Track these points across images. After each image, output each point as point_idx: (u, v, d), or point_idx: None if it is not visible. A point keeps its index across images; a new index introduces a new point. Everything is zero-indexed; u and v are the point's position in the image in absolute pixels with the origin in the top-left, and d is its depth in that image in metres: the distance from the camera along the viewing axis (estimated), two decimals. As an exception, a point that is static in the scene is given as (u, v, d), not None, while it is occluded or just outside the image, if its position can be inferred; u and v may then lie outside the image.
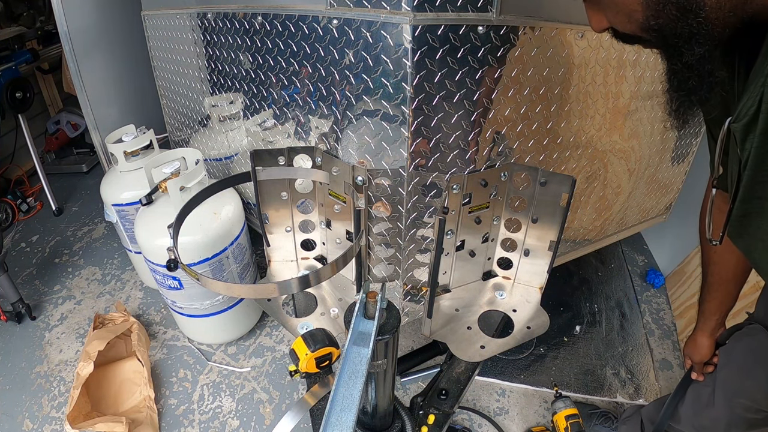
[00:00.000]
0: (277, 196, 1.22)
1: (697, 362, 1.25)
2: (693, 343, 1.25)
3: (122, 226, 1.97)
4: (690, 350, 1.26)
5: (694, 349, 1.24)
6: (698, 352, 1.24)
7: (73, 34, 2.01)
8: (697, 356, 1.24)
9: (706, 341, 1.22)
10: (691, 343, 1.25)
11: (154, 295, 2.26)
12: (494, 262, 1.30)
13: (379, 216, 1.17)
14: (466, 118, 1.08)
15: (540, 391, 1.80)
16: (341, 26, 1.02)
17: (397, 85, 0.98)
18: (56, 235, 2.69)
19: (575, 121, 1.33)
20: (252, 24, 1.29)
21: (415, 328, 1.93)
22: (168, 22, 1.80)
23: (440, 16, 0.93)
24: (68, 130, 3.25)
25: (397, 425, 1.02)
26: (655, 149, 1.71)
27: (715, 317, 1.20)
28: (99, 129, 2.21)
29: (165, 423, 1.72)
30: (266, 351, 1.98)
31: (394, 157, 1.07)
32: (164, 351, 1.99)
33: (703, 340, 1.22)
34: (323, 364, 1.00)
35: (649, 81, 1.46)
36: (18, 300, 2.06)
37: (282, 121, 1.39)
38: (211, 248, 1.59)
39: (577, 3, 0.76)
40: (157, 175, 1.62)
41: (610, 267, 2.39)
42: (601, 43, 1.23)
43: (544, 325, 1.17)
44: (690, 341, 1.26)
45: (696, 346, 1.24)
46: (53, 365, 1.94)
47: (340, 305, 1.23)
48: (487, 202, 1.16)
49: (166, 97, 2.18)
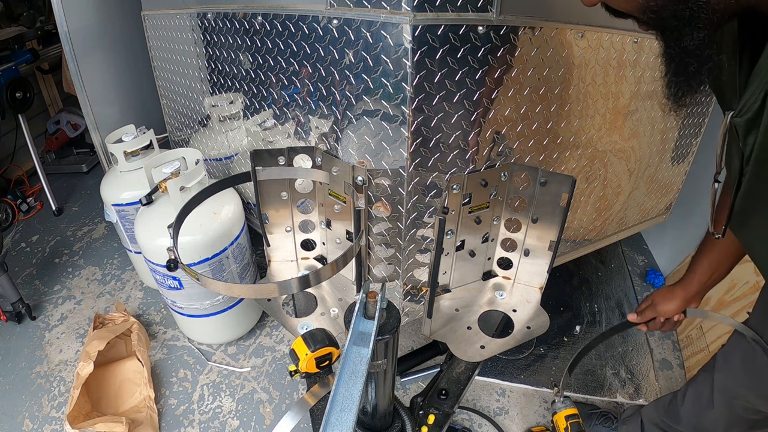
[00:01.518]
0: (277, 196, 1.22)
1: (657, 312, 1.18)
2: (669, 293, 1.17)
3: (122, 226, 1.97)
4: (660, 297, 1.18)
5: (664, 299, 1.17)
6: (666, 303, 1.16)
7: (73, 34, 2.01)
8: (662, 306, 1.17)
9: (679, 301, 1.15)
10: (666, 292, 1.18)
11: (154, 295, 2.26)
12: (494, 262, 1.30)
13: (379, 216, 1.17)
14: (466, 118, 1.08)
15: (540, 391, 1.81)
16: (341, 26, 1.02)
17: (397, 85, 0.98)
18: (56, 235, 2.69)
19: (575, 121, 1.33)
20: (252, 24, 1.29)
21: (415, 328, 1.93)
22: (168, 22, 1.80)
23: (440, 16, 0.93)
24: (68, 130, 3.25)
25: (397, 425, 1.02)
26: (655, 149, 1.71)
27: (698, 280, 1.13)
28: (99, 129, 2.21)
29: (165, 423, 1.72)
30: (266, 351, 1.98)
31: (394, 157, 1.07)
32: (164, 351, 1.99)
33: (678, 295, 1.15)
34: (323, 364, 1.00)
35: (649, 81, 1.46)
36: (18, 300, 2.06)
37: (282, 121, 1.39)
38: (211, 248, 1.59)
39: (577, 3, 0.76)
40: (157, 175, 1.62)
41: (610, 267, 2.39)
42: (601, 43, 1.23)
43: (544, 325, 1.17)
44: (665, 290, 1.19)
45: (669, 296, 1.16)
46: (53, 365, 1.94)
47: (340, 305, 1.23)
48: (487, 202, 1.16)
49: (166, 97, 2.18)
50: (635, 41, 1.31)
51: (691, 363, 1.86)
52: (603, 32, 1.20)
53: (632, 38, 1.30)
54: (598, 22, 1.16)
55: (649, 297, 1.21)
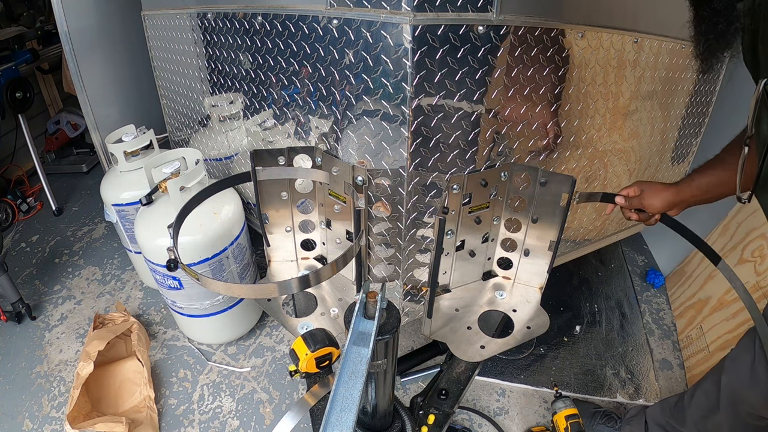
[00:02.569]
0: (277, 196, 1.22)
1: (642, 202, 1.12)
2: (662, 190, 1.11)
3: (122, 226, 1.97)
4: (651, 191, 1.12)
5: (654, 194, 1.11)
6: (654, 198, 1.11)
7: (73, 34, 2.01)
8: (649, 200, 1.11)
9: (666, 203, 1.10)
10: (661, 189, 1.12)
11: (154, 295, 2.26)
12: (494, 262, 1.30)
13: (379, 216, 1.17)
14: (466, 118, 1.08)
15: (540, 391, 1.80)
16: (341, 26, 1.02)
17: (397, 85, 0.98)
18: (56, 235, 2.69)
19: (575, 121, 1.33)
20: (252, 24, 1.29)
21: (415, 328, 1.93)
22: (168, 22, 1.80)
23: (440, 16, 0.93)
24: (68, 130, 3.25)
25: (397, 425, 1.02)
26: (655, 149, 1.71)
27: (692, 194, 1.09)
28: (99, 129, 2.21)
29: (165, 423, 1.72)
30: (266, 351, 1.98)
31: (394, 157, 1.07)
32: (164, 351, 1.99)
33: (668, 197, 1.10)
34: (323, 364, 1.00)
35: (649, 81, 1.46)
36: (18, 300, 2.06)
37: (282, 121, 1.39)
38: (211, 248, 1.59)
39: (577, 3, 0.77)
40: (157, 175, 1.62)
41: (610, 267, 2.39)
42: (601, 43, 1.23)
43: (544, 325, 1.17)
44: (660, 186, 1.13)
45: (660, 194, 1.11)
46: (53, 365, 1.94)
47: (340, 305, 1.23)
48: (487, 202, 1.16)
49: (166, 97, 2.18)
50: (635, 41, 1.31)
51: (691, 363, 1.86)
52: (603, 32, 1.20)
53: (632, 38, 1.30)
54: (598, 22, 1.17)
55: (638, 186, 1.14)
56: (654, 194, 1.12)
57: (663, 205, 1.11)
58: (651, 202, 1.12)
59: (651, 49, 1.38)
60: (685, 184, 1.10)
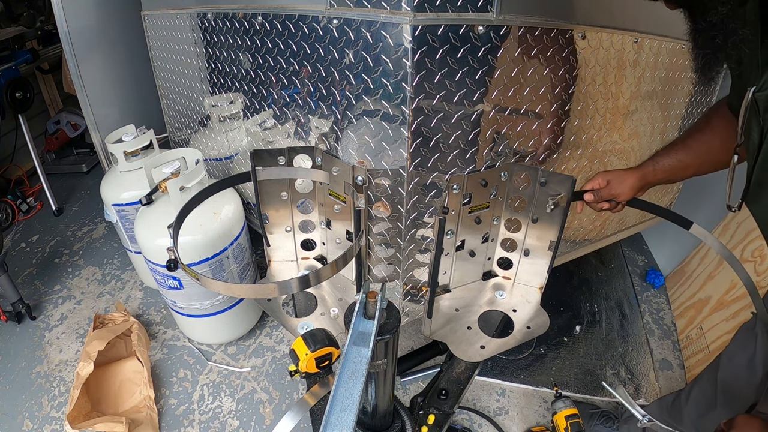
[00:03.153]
0: (277, 196, 1.22)
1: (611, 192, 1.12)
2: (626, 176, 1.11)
3: (122, 226, 1.97)
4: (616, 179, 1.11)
5: (620, 182, 1.11)
6: (620, 186, 1.11)
7: (73, 34, 2.01)
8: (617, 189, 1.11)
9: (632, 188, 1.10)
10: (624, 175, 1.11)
11: (154, 295, 2.26)
12: (494, 262, 1.30)
13: (379, 216, 1.17)
14: (466, 118, 1.08)
15: (540, 391, 1.81)
16: (341, 26, 1.02)
17: (397, 85, 0.98)
18: (56, 235, 2.69)
19: (575, 121, 1.33)
20: (252, 24, 1.29)
21: (415, 328, 1.93)
22: (168, 22, 1.80)
23: (440, 16, 0.93)
24: (68, 130, 3.25)
25: (397, 425, 1.02)
26: (655, 149, 1.71)
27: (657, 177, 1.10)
28: (99, 129, 2.21)
29: (165, 423, 1.72)
30: (266, 351, 1.98)
31: (394, 157, 1.07)
32: (164, 351, 1.99)
33: (632, 182, 1.10)
34: (323, 364, 1.00)
35: (649, 81, 1.46)
36: (18, 300, 2.06)
37: (282, 121, 1.39)
38: (211, 248, 1.59)
39: (577, 3, 0.77)
40: (157, 175, 1.62)
41: (610, 267, 2.39)
42: (601, 43, 1.23)
43: (544, 325, 1.17)
44: (622, 172, 1.12)
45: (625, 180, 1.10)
46: (53, 365, 1.94)
47: (340, 305, 1.23)
48: (487, 202, 1.16)
49: (166, 97, 2.18)
50: (635, 41, 1.31)
51: (691, 363, 1.86)
52: (603, 32, 1.20)
53: (632, 38, 1.30)
54: (599, 22, 1.17)
55: (603, 177, 1.13)
56: (620, 182, 1.11)
57: (631, 190, 1.11)
58: (619, 191, 1.12)
59: (651, 49, 1.38)
60: (649, 167, 1.11)
